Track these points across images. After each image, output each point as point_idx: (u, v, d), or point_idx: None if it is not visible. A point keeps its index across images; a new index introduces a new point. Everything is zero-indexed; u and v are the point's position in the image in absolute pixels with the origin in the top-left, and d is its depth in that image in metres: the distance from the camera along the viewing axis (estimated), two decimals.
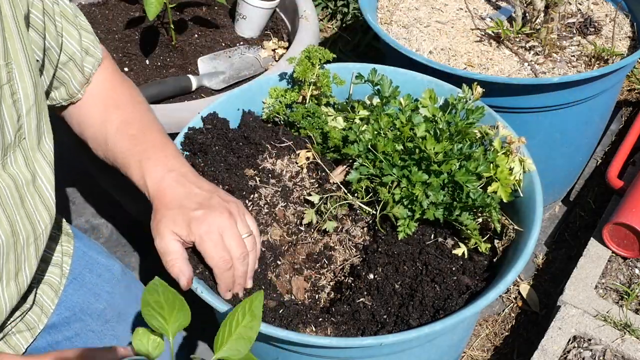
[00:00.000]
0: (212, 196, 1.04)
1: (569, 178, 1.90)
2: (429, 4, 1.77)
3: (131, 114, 1.12)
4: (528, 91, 1.45)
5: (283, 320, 1.05)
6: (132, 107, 1.14)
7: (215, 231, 1.00)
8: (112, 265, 1.29)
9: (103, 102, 1.13)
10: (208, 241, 1.00)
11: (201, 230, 0.99)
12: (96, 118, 1.12)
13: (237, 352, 0.82)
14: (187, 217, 1.00)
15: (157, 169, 1.05)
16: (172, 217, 1.00)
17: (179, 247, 1.01)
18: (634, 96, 2.20)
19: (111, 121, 1.10)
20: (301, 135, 1.28)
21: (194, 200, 1.02)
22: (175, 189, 1.03)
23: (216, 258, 1.00)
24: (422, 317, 1.03)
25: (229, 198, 1.07)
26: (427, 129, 1.14)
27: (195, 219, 1.00)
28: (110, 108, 1.12)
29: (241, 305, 0.84)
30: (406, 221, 1.11)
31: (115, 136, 1.09)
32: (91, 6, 1.80)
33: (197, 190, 1.04)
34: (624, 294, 1.50)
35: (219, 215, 1.01)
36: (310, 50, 1.29)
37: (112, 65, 1.17)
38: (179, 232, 1.00)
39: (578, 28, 1.65)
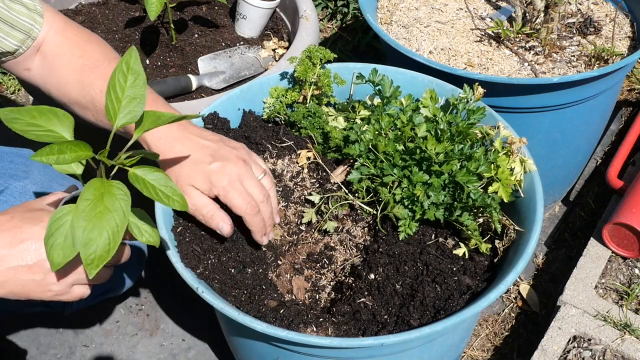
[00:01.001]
0: (220, 146, 1.07)
1: (569, 178, 1.90)
2: (429, 4, 1.77)
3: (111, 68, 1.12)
4: (528, 91, 1.45)
5: (284, 320, 1.05)
6: (107, 64, 1.14)
7: (236, 180, 1.04)
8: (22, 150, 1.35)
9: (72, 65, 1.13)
10: (232, 191, 1.03)
11: (223, 182, 1.03)
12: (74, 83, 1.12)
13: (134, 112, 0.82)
14: (205, 172, 1.03)
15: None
16: (189, 174, 1.03)
17: (208, 199, 1.05)
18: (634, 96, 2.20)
19: (92, 84, 1.11)
20: (302, 135, 1.28)
21: (206, 153, 1.05)
22: (183, 143, 1.05)
23: (244, 206, 1.04)
24: (423, 317, 1.03)
25: (235, 144, 1.10)
26: (428, 129, 1.14)
27: (214, 173, 1.03)
28: (86, 70, 1.12)
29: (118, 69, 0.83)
30: (407, 221, 1.11)
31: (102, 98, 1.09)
32: (91, 6, 1.80)
33: (205, 142, 1.06)
34: (624, 294, 1.50)
35: (234, 164, 1.05)
36: (312, 50, 1.29)
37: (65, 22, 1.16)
38: (200, 187, 1.03)
39: (578, 28, 1.65)
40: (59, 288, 0.96)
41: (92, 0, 1.81)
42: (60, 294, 0.96)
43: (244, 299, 1.08)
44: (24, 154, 1.37)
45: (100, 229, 0.78)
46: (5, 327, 1.68)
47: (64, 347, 1.66)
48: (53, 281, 0.95)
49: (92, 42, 1.17)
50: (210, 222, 1.06)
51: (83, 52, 1.14)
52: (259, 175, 1.09)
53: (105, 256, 0.79)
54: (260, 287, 1.11)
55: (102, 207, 0.79)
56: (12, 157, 1.34)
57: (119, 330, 1.70)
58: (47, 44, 1.14)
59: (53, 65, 1.14)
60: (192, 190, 1.04)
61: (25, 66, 1.16)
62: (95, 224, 0.78)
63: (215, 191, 1.04)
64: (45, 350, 1.65)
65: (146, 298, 1.76)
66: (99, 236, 0.79)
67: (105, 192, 0.80)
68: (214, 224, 1.06)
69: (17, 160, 1.34)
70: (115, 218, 0.79)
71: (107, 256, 0.79)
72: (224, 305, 1.00)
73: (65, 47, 1.14)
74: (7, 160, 1.34)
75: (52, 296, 0.96)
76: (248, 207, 1.05)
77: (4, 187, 1.27)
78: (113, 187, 0.81)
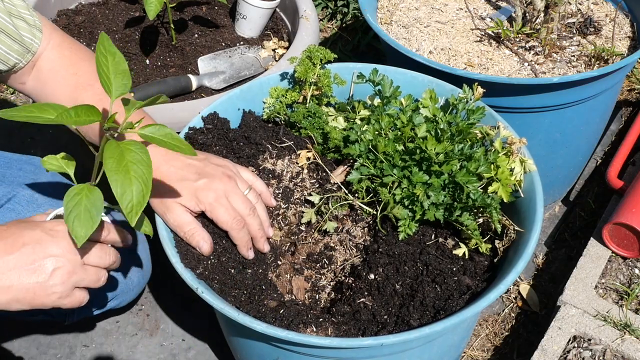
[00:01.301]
0: (205, 163, 1.10)
1: (569, 178, 1.90)
2: (429, 4, 1.77)
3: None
4: (528, 91, 1.45)
5: (284, 321, 1.05)
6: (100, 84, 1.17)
7: (222, 196, 1.07)
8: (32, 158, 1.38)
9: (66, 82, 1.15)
10: (218, 207, 1.07)
11: (210, 198, 1.06)
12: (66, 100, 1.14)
13: (125, 85, 0.93)
14: (191, 189, 1.06)
15: None
16: (175, 192, 1.07)
17: (191, 217, 1.08)
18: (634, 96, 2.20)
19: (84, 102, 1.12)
20: (302, 135, 1.28)
21: (192, 171, 1.08)
22: (169, 162, 1.08)
23: (230, 221, 1.08)
24: (423, 317, 1.03)
25: (221, 161, 1.13)
26: (428, 129, 1.14)
27: (200, 189, 1.06)
28: (79, 88, 1.15)
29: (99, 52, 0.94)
30: (407, 221, 1.11)
31: None
32: (91, 6, 1.80)
33: (190, 161, 1.10)
34: (624, 294, 1.50)
35: (220, 181, 1.08)
36: (312, 50, 1.29)
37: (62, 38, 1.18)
38: (187, 204, 1.07)
39: (578, 28, 1.64)
40: (62, 289, 0.98)
41: (92, 0, 1.81)
42: (63, 297, 0.98)
43: (243, 299, 1.08)
44: (34, 162, 1.38)
45: (131, 180, 0.85)
46: (6, 328, 1.68)
47: (64, 347, 1.66)
48: (56, 282, 0.97)
49: (86, 59, 1.18)
50: (191, 240, 1.08)
51: (77, 69, 1.16)
52: (245, 190, 1.12)
53: (142, 203, 0.85)
54: (260, 287, 1.11)
55: (126, 161, 0.86)
56: (21, 165, 1.35)
57: (119, 330, 1.70)
58: (43, 59, 1.16)
59: (47, 80, 1.16)
60: (177, 207, 1.07)
61: (21, 80, 1.17)
62: (125, 175, 0.85)
63: (202, 207, 1.07)
64: (45, 350, 1.65)
65: (146, 298, 1.76)
66: (132, 185, 0.85)
67: (124, 150, 0.87)
68: (194, 242, 1.08)
69: (26, 168, 1.35)
70: (141, 168, 0.86)
71: (143, 202, 0.85)
72: (224, 306, 1.00)
73: (60, 64, 1.16)
74: (16, 167, 1.34)
75: (56, 299, 0.98)
76: (234, 222, 1.08)
77: (12, 194, 1.28)
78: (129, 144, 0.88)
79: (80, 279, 0.99)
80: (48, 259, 0.96)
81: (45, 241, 0.97)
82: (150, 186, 0.86)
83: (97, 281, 1.03)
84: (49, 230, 0.98)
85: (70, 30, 1.71)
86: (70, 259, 0.98)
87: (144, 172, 0.86)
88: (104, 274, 1.04)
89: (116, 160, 0.86)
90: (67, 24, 1.73)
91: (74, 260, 0.98)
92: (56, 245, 0.97)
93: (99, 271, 1.03)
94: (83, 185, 0.92)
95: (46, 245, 0.97)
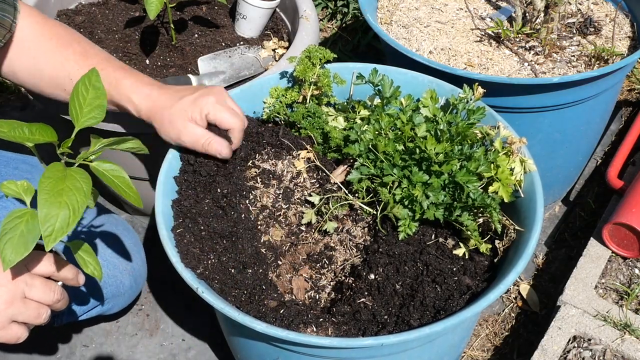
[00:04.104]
0: (195, 87, 1.19)
1: (569, 178, 1.90)
2: (429, 4, 1.77)
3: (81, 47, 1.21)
4: (528, 91, 1.45)
5: (284, 320, 1.05)
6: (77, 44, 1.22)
7: (222, 99, 1.15)
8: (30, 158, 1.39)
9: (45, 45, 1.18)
10: (220, 108, 1.13)
11: (210, 101, 1.13)
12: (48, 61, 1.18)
13: (95, 118, 0.96)
14: (191, 100, 1.13)
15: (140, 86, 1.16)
16: (179, 110, 1.13)
17: (203, 130, 1.14)
18: (634, 96, 2.20)
19: (67, 59, 1.18)
20: (302, 135, 1.28)
21: (187, 90, 1.16)
22: (167, 92, 1.16)
23: (233, 119, 1.14)
24: (423, 317, 1.03)
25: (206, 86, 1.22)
26: (428, 129, 1.14)
27: (199, 97, 1.13)
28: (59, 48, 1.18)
29: (81, 83, 0.96)
30: (407, 221, 1.11)
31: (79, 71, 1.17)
32: (91, 6, 1.80)
33: (182, 86, 1.19)
34: (624, 294, 1.50)
35: (213, 89, 1.16)
36: (311, 49, 1.29)
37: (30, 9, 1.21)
38: (192, 115, 1.13)
39: (578, 28, 1.64)
40: None
41: (92, 0, 1.81)
42: None
43: (244, 299, 1.08)
44: (30, 162, 1.38)
45: (61, 204, 0.83)
46: None
47: (64, 347, 1.66)
48: None
49: (58, 26, 1.22)
50: (210, 148, 1.13)
51: (52, 34, 1.19)
52: None
53: (64, 230, 0.82)
54: (260, 287, 1.11)
55: (63, 185, 0.85)
56: (17, 164, 1.35)
57: (119, 330, 1.70)
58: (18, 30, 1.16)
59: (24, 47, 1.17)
60: (188, 124, 1.13)
61: None
62: (56, 198, 0.83)
63: (205, 110, 1.12)
64: (45, 351, 1.65)
65: (146, 298, 1.76)
66: (60, 210, 0.82)
67: (67, 175, 0.87)
68: (213, 150, 1.13)
69: (22, 167, 1.35)
70: (76, 195, 0.85)
71: (65, 230, 0.82)
72: (224, 306, 1.00)
73: (36, 30, 1.18)
74: (12, 166, 1.34)
75: None
76: (237, 121, 1.15)
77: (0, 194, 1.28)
78: (74, 171, 0.88)
79: (17, 312, 0.95)
80: None
81: None
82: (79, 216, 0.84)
83: (36, 317, 0.98)
84: None
85: None
86: (9, 289, 0.94)
87: (77, 200, 0.84)
88: (45, 311, 0.99)
89: (53, 182, 0.84)
90: (67, 24, 1.73)
91: (12, 291, 0.94)
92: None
93: (40, 307, 0.98)
94: (27, 210, 0.88)
95: None
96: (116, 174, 0.93)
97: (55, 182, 0.84)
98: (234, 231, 1.14)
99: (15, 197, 0.97)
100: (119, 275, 1.39)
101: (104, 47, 1.67)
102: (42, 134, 0.89)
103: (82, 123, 0.94)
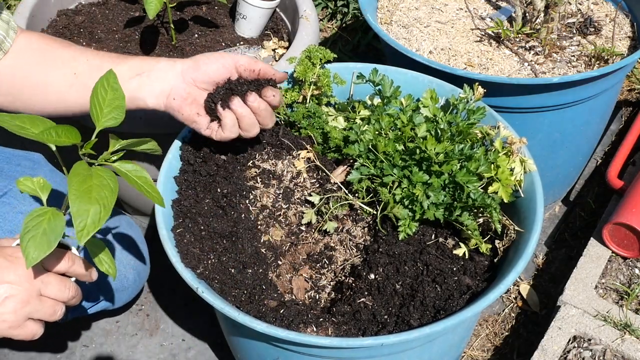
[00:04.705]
0: None
1: (569, 178, 1.90)
2: (429, 4, 1.77)
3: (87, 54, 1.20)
4: (528, 91, 1.45)
5: (284, 320, 1.05)
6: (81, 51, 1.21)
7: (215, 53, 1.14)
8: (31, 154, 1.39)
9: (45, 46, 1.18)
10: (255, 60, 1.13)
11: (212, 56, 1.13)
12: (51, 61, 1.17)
13: (115, 119, 0.96)
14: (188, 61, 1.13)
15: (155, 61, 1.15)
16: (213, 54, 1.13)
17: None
18: (634, 96, 2.20)
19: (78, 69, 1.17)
20: (302, 135, 1.28)
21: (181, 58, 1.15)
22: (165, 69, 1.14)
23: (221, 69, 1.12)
24: (423, 317, 1.03)
25: None
26: (428, 129, 1.14)
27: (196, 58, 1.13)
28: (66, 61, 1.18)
29: (99, 85, 0.97)
30: (407, 221, 1.11)
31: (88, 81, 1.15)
32: (91, 6, 1.80)
33: None
34: (624, 294, 1.50)
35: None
36: (311, 50, 1.29)
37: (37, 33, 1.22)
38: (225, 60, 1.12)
39: (578, 28, 1.65)
40: (13, 318, 0.94)
41: (92, 0, 1.81)
42: (13, 326, 0.95)
43: (244, 299, 1.08)
44: (33, 158, 1.38)
45: (91, 200, 0.84)
46: None
47: (64, 347, 1.66)
48: (7, 310, 0.93)
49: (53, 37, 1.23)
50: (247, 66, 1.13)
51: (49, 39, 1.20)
52: None
53: (96, 225, 0.84)
54: (260, 287, 1.11)
55: (91, 183, 0.86)
56: (20, 160, 1.35)
57: (119, 330, 1.70)
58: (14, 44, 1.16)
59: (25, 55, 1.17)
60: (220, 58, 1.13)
61: None
62: (87, 195, 0.84)
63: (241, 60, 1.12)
64: (45, 350, 1.65)
65: (146, 298, 1.76)
66: (91, 206, 0.84)
67: (93, 173, 0.88)
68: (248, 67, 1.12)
69: (24, 163, 1.35)
70: (105, 192, 0.86)
71: (97, 225, 0.84)
72: (224, 305, 1.00)
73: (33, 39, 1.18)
74: (15, 163, 1.34)
75: (5, 328, 0.95)
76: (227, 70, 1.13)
77: (7, 189, 1.28)
78: (100, 169, 0.89)
79: (34, 310, 0.96)
80: (2, 286, 0.93)
81: (3, 267, 0.94)
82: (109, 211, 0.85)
83: (52, 314, 0.99)
84: (9, 256, 0.95)
85: (70, 30, 1.71)
86: (27, 288, 0.94)
87: (107, 196, 0.86)
88: (60, 308, 1.00)
89: (81, 179, 0.86)
90: (67, 24, 1.73)
91: (29, 290, 0.95)
92: (13, 272, 0.94)
93: (55, 304, 0.99)
94: (48, 209, 0.90)
95: (3, 271, 0.93)
96: (139, 174, 0.94)
97: (83, 180, 0.86)
98: (234, 231, 1.14)
99: (32, 194, 0.98)
100: (122, 270, 1.40)
101: (104, 47, 1.67)
102: (68, 135, 0.89)
103: (102, 124, 0.95)
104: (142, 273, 1.47)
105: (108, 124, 0.96)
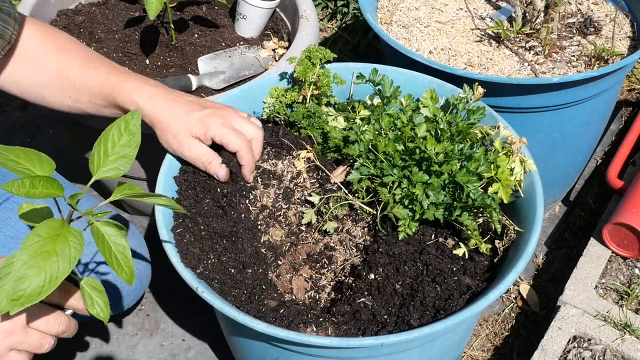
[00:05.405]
0: (204, 100, 1.21)
1: (569, 178, 1.90)
2: (429, 4, 1.77)
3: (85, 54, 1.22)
4: (528, 91, 1.45)
5: (284, 320, 1.05)
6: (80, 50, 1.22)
7: (228, 121, 1.15)
8: None
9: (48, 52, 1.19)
10: (226, 130, 1.14)
11: (217, 123, 1.13)
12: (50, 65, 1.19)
13: (117, 170, 0.84)
14: (199, 118, 1.13)
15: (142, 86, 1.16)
16: (186, 124, 1.13)
17: (206, 148, 1.15)
18: (634, 96, 2.20)
19: (71, 64, 1.19)
20: (302, 135, 1.28)
21: (197, 105, 1.16)
22: (175, 100, 1.15)
23: (239, 142, 1.14)
24: (423, 317, 1.03)
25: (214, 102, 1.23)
26: (428, 129, 1.14)
27: (207, 116, 1.13)
28: (62, 54, 1.19)
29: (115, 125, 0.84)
30: (407, 221, 1.11)
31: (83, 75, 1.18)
32: (91, 6, 1.80)
33: (190, 98, 1.18)
34: (624, 294, 1.50)
35: (222, 109, 1.18)
36: (311, 50, 1.29)
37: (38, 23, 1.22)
38: (198, 133, 1.13)
39: (578, 28, 1.65)
40: None
41: (92, 0, 1.81)
42: None
43: (244, 299, 1.08)
44: None
45: (39, 269, 0.74)
46: None
47: (64, 347, 1.66)
48: None
49: (61, 35, 1.23)
50: (209, 168, 1.15)
51: (54, 43, 1.20)
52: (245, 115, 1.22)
53: (34, 297, 0.74)
54: (260, 287, 1.11)
55: (50, 248, 0.75)
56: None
57: (119, 330, 1.70)
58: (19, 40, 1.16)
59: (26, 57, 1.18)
60: (192, 141, 1.14)
61: None
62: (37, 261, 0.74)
63: (211, 133, 1.13)
64: None
65: (146, 298, 1.76)
66: (36, 275, 0.74)
67: (60, 235, 0.77)
68: (212, 169, 1.15)
69: None
70: (59, 263, 0.75)
71: (36, 298, 0.74)
72: (224, 305, 1.00)
73: (37, 40, 1.19)
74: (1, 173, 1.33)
75: None
76: (243, 142, 1.15)
77: (8, 195, 1.27)
78: (70, 233, 0.78)
79: (18, 341, 0.91)
80: None
81: None
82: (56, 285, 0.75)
83: (38, 347, 0.93)
84: None
85: (70, 30, 1.71)
86: (12, 320, 0.89)
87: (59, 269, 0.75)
88: (48, 341, 0.94)
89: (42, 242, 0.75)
90: (67, 24, 1.73)
91: (15, 321, 0.89)
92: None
93: (43, 337, 0.93)
94: None
95: None
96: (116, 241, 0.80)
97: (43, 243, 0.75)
98: (234, 231, 1.14)
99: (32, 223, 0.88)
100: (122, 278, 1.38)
101: (104, 47, 1.67)
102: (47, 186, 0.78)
103: (102, 173, 0.83)
104: (144, 280, 1.45)
105: (108, 174, 0.84)
